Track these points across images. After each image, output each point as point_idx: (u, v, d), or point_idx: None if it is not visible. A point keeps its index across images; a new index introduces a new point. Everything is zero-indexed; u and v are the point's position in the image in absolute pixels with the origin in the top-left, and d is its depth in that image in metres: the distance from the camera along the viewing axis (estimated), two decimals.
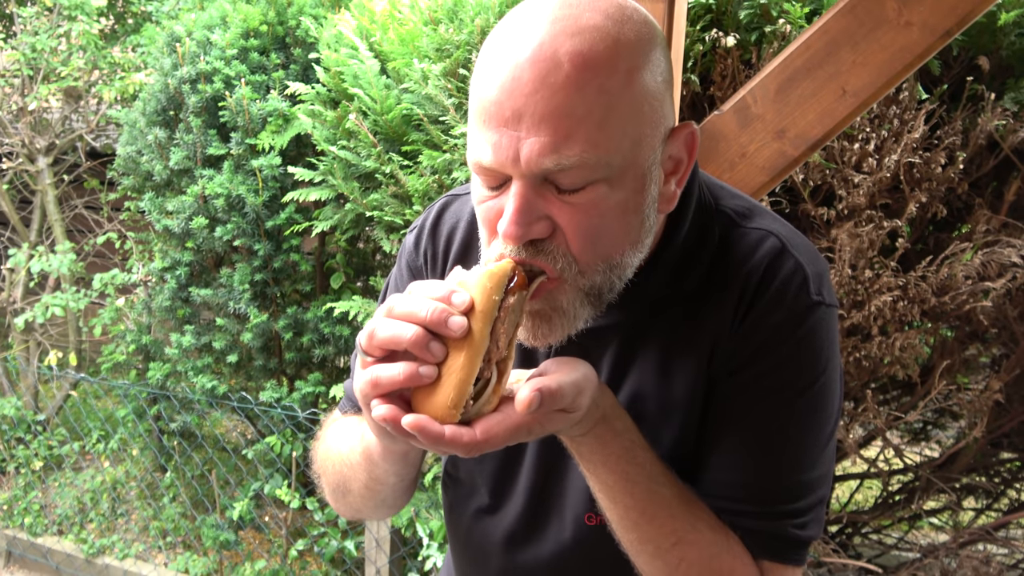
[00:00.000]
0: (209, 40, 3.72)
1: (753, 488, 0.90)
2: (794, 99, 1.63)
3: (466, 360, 0.70)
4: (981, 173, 2.20)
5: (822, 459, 0.92)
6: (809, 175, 2.18)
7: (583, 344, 0.94)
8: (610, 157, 0.77)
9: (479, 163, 0.79)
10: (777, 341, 0.88)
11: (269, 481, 3.73)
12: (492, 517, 1.06)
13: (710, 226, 0.93)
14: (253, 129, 3.62)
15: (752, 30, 2.20)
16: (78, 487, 4.54)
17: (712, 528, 0.88)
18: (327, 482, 1.07)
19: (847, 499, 3.43)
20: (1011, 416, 2.47)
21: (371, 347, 0.73)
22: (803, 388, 0.89)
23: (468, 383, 0.71)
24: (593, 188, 0.78)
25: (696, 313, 0.92)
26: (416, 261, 1.10)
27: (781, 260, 0.89)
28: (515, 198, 0.77)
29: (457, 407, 0.71)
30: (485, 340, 0.71)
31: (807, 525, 0.92)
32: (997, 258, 2.04)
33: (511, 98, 0.74)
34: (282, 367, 3.90)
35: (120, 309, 4.47)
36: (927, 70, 2.14)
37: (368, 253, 3.96)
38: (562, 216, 0.79)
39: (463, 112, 2.64)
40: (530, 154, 0.74)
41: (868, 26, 1.54)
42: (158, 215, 3.84)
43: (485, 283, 0.72)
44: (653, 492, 0.84)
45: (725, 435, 0.91)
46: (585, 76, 0.74)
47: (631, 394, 0.95)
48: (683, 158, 0.87)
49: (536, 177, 0.77)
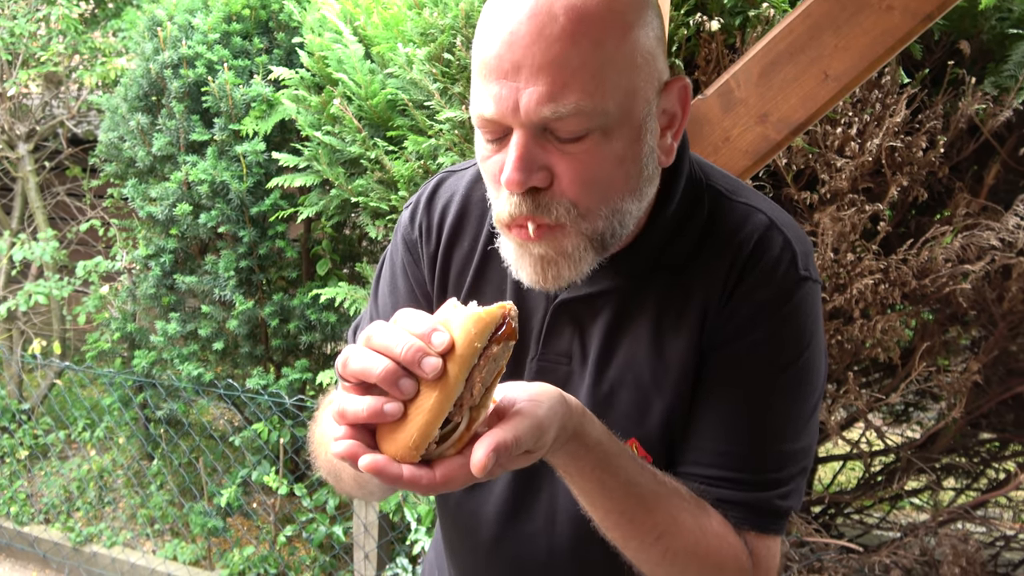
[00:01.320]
0: (191, 24, 3.68)
1: (738, 456, 0.92)
2: (777, 83, 1.64)
3: (435, 403, 0.69)
4: (961, 157, 2.22)
5: (806, 431, 0.95)
6: (792, 159, 2.19)
7: (576, 312, 0.97)
8: (605, 106, 0.80)
9: (481, 116, 0.82)
10: (766, 314, 0.91)
11: (257, 468, 3.73)
12: (483, 485, 1.06)
13: (700, 198, 0.96)
14: (236, 115, 3.59)
15: (736, 14, 2.20)
16: (64, 476, 4.52)
17: (693, 515, 0.89)
18: (321, 464, 1.07)
19: (830, 480, 3.48)
20: (989, 397, 2.51)
21: (345, 374, 0.73)
22: (789, 360, 0.92)
23: (433, 426, 0.69)
24: (590, 137, 0.81)
25: (687, 283, 0.94)
26: (411, 235, 1.11)
27: (771, 235, 0.93)
28: (516, 147, 0.80)
29: (418, 449, 0.69)
30: (459, 386, 0.69)
31: (789, 495, 0.94)
32: (976, 241, 2.07)
33: (510, 51, 0.78)
34: (268, 354, 3.89)
35: (104, 297, 4.44)
36: (909, 54, 2.15)
37: (354, 239, 3.95)
38: (561, 165, 0.82)
39: (448, 97, 2.63)
40: (529, 103, 0.78)
41: (850, 10, 1.54)
42: (141, 202, 3.81)
43: (470, 328, 0.70)
44: (630, 494, 0.85)
45: (712, 405, 0.94)
46: (580, 29, 0.77)
47: (624, 361, 0.96)
48: (677, 112, 0.90)
49: (535, 127, 0.80)
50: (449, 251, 1.07)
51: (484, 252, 1.04)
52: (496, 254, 1.01)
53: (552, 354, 1.00)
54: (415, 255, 1.10)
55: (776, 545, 0.96)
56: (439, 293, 1.08)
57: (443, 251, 1.07)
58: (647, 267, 0.95)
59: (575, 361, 0.99)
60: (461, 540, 1.13)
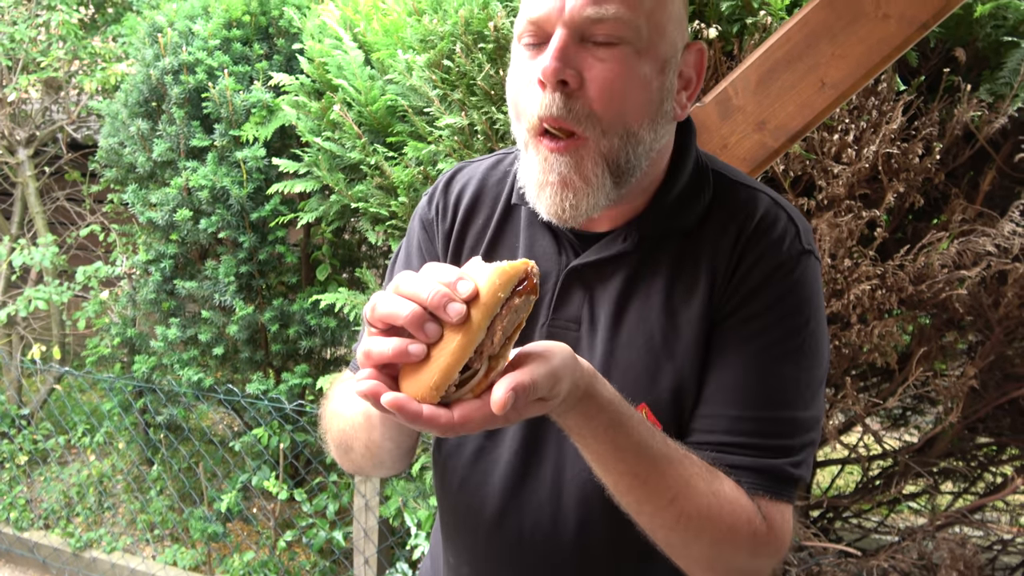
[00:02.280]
0: (191, 30, 3.69)
1: (750, 421, 0.95)
2: (774, 91, 1.65)
3: (457, 347, 0.72)
4: (957, 163, 2.24)
5: (814, 402, 0.98)
6: (789, 165, 2.21)
7: (587, 278, 1.02)
8: (639, 24, 0.89)
9: (529, 18, 0.91)
10: (773, 284, 0.96)
11: (257, 473, 3.74)
12: (489, 456, 1.08)
13: (706, 179, 1.03)
14: (237, 120, 3.60)
15: (734, 22, 2.22)
16: (64, 481, 4.52)
17: (705, 480, 0.91)
18: (331, 439, 1.10)
19: (828, 484, 3.49)
20: (986, 402, 2.52)
21: (373, 319, 0.76)
22: (796, 329, 0.96)
23: (455, 369, 0.72)
24: (622, 49, 0.89)
25: (697, 250, 0.99)
26: (428, 215, 1.16)
27: (775, 211, 1.00)
28: (556, 41, 0.88)
29: (438, 389, 0.72)
30: (481, 332, 0.72)
31: (800, 464, 0.97)
32: (972, 247, 2.08)
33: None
34: (268, 359, 3.90)
35: (104, 302, 4.44)
36: (905, 61, 2.17)
37: (354, 244, 3.96)
38: (592, 71, 0.89)
39: (448, 103, 2.64)
40: (575, 5, 0.87)
41: (846, 19, 1.56)
42: (142, 207, 3.83)
43: (494, 279, 0.73)
44: (643, 456, 0.87)
45: (723, 372, 0.96)
46: None
47: (636, 325, 0.99)
48: (692, 76, 1.00)
49: (576, 28, 0.88)
50: (464, 227, 1.12)
51: (497, 229, 1.10)
52: (509, 230, 1.08)
53: (562, 320, 1.03)
54: (431, 233, 1.15)
55: (788, 512, 0.98)
56: None
57: (459, 228, 1.12)
58: (658, 232, 1.00)
59: (584, 327, 1.02)
60: (463, 522, 1.13)
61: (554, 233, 1.06)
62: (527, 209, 1.06)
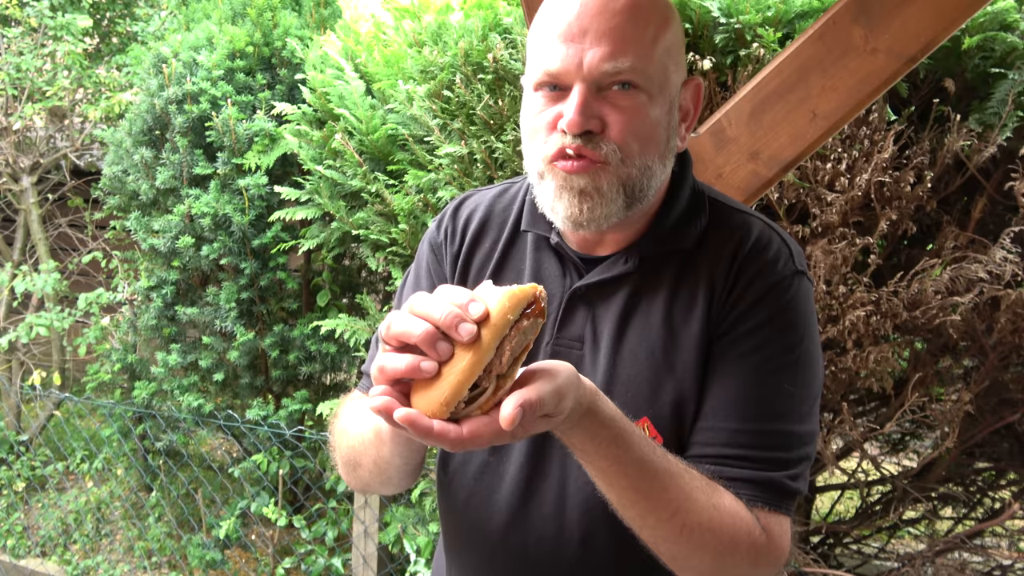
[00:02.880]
0: (195, 61, 3.76)
1: (748, 434, 0.99)
2: (767, 122, 1.68)
3: (468, 365, 0.75)
4: (949, 191, 2.27)
5: (810, 417, 1.02)
6: (784, 193, 2.24)
7: (590, 299, 1.07)
8: (650, 73, 0.96)
9: (547, 71, 0.97)
10: (768, 302, 1.01)
11: (256, 499, 3.73)
12: (495, 472, 1.11)
13: (703, 204, 1.10)
14: (239, 149, 3.65)
15: (727, 53, 2.27)
16: (61, 508, 4.51)
17: (706, 492, 0.94)
18: (340, 456, 1.13)
19: (828, 510, 3.48)
20: (982, 427, 2.53)
21: (387, 337, 0.80)
22: (790, 346, 1.01)
23: (464, 386, 0.75)
24: (637, 96, 0.96)
25: (696, 270, 1.05)
26: (437, 238, 1.22)
27: (768, 234, 1.06)
28: (578, 96, 0.95)
29: (448, 405, 0.75)
30: (491, 352, 0.75)
31: (797, 478, 1.00)
32: (965, 273, 2.11)
33: (578, 19, 0.95)
34: (268, 385, 3.91)
35: (105, 328, 4.46)
36: (895, 92, 2.21)
37: (354, 270, 3.99)
38: (612, 116, 0.96)
39: (448, 133, 2.69)
40: (592, 60, 0.94)
41: (837, 52, 1.60)
42: (144, 234, 3.86)
43: (504, 301, 0.77)
44: (645, 470, 0.90)
45: (723, 387, 1.00)
46: (635, 10, 0.96)
47: (638, 341, 1.04)
48: (690, 108, 1.08)
49: (594, 81, 0.95)
50: (472, 250, 1.18)
51: (504, 252, 1.16)
52: (515, 254, 1.13)
53: (566, 339, 1.08)
54: (439, 256, 1.21)
55: (786, 523, 1.00)
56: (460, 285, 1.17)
57: (466, 250, 1.18)
58: (658, 253, 1.06)
59: (587, 345, 1.07)
60: (469, 537, 1.15)
61: (559, 257, 1.11)
62: (534, 234, 1.13)
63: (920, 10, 1.48)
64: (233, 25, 3.87)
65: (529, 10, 1.76)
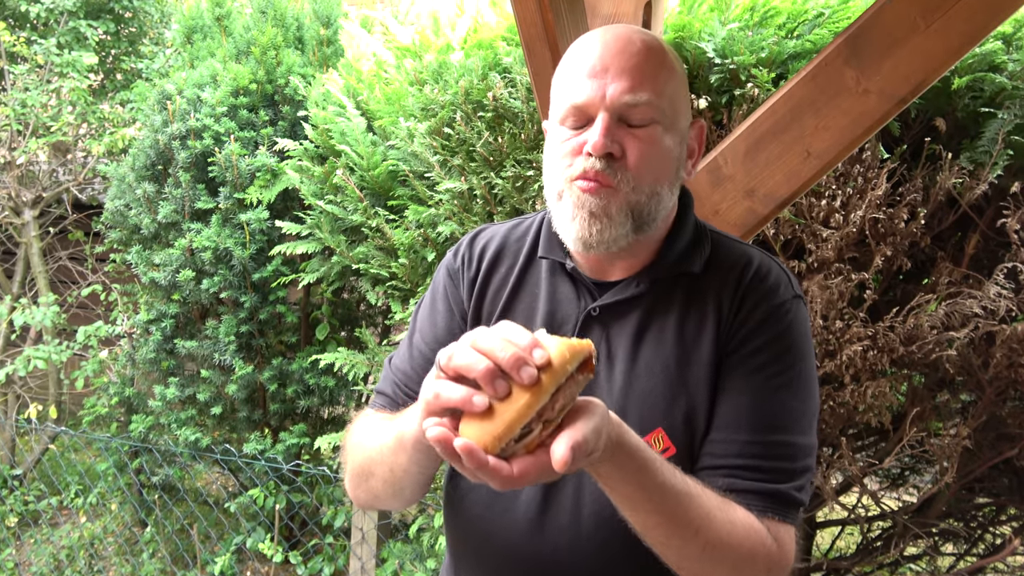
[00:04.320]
0: (199, 98, 3.81)
1: (757, 445, 1.05)
2: (762, 160, 1.72)
3: (524, 404, 0.78)
4: (942, 227, 2.30)
5: (810, 431, 1.10)
6: (780, 229, 2.27)
7: (604, 320, 1.14)
8: (664, 106, 1.07)
9: (574, 103, 1.06)
10: (773, 323, 1.09)
11: (252, 535, 3.69)
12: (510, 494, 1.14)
13: (705, 236, 1.19)
14: (241, 184, 3.69)
15: (723, 93, 2.32)
16: (55, 544, 4.45)
17: (721, 508, 0.99)
18: (351, 468, 1.16)
19: (828, 546, 3.46)
20: (981, 462, 2.53)
21: (447, 367, 0.83)
22: (792, 363, 1.09)
23: (518, 424, 0.78)
24: (654, 128, 1.06)
25: (703, 295, 1.13)
26: (454, 265, 1.29)
27: (768, 263, 1.16)
28: (602, 123, 1.04)
29: (500, 440, 0.78)
30: (547, 396, 0.79)
31: (801, 489, 1.07)
32: (960, 308, 2.13)
33: (601, 59, 1.06)
34: (266, 418, 3.90)
35: (103, 361, 4.46)
36: (888, 130, 2.25)
37: (353, 304, 4.01)
38: (630, 144, 1.05)
39: (448, 169, 2.73)
40: (614, 93, 1.04)
41: (829, 93, 1.63)
42: (145, 267, 3.88)
43: (565, 351, 0.80)
44: (668, 493, 0.94)
45: (732, 401, 1.08)
46: (650, 52, 1.07)
47: (652, 356, 1.10)
48: (695, 147, 1.19)
49: (616, 111, 1.05)
50: (489, 275, 1.25)
51: (520, 277, 1.23)
52: (530, 279, 1.20)
53: None
54: (456, 280, 1.27)
55: (792, 533, 1.07)
56: (475, 310, 1.24)
57: (483, 275, 1.25)
58: (668, 276, 1.14)
59: (602, 362, 1.13)
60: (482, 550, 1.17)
61: (573, 282, 1.18)
62: (549, 261, 1.21)
63: (910, 53, 1.52)
64: (237, 63, 3.94)
65: (529, 51, 1.80)
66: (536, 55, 1.79)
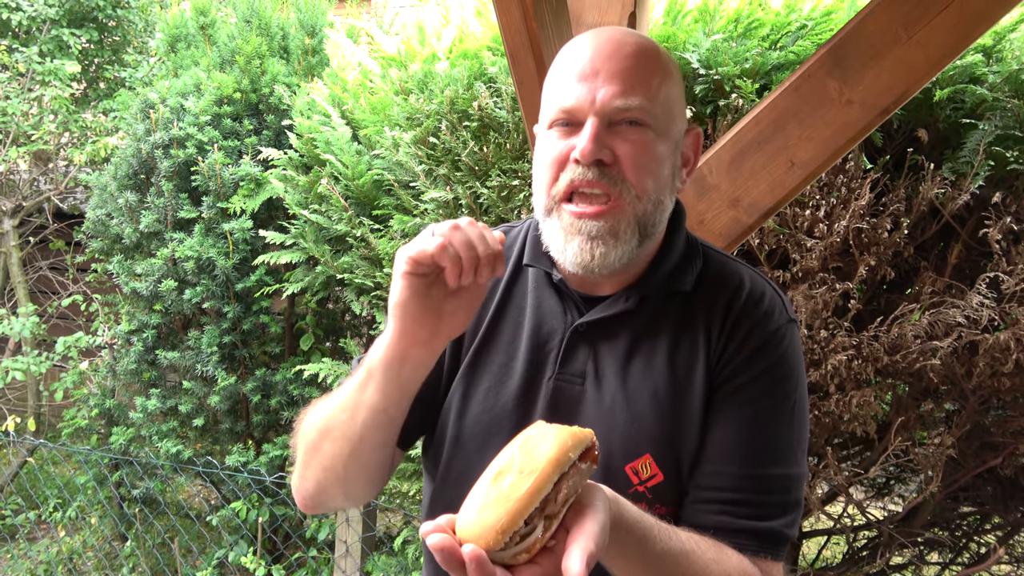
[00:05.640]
0: (183, 106, 3.79)
1: (748, 479, 1.02)
2: (746, 170, 1.72)
3: (527, 493, 0.73)
4: (925, 237, 2.31)
5: (803, 461, 1.07)
6: (765, 239, 2.28)
7: (591, 336, 1.10)
8: (656, 112, 1.02)
9: (563, 107, 1.02)
10: (767, 351, 1.06)
11: (234, 548, 3.64)
12: None
13: (697, 250, 1.15)
14: (225, 193, 3.66)
15: (707, 103, 2.33)
16: (32, 559, 4.37)
17: (716, 560, 0.97)
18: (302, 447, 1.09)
19: (815, 556, 3.46)
20: (965, 471, 2.54)
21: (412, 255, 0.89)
22: (788, 392, 1.06)
23: (522, 515, 0.73)
24: (646, 132, 1.01)
25: (693, 318, 1.09)
26: None
27: (761, 283, 1.12)
28: (591, 128, 1.00)
29: (504, 534, 0.73)
30: (550, 484, 0.75)
31: (791, 524, 1.05)
32: (943, 318, 2.14)
33: (591, 62, 1.02)
34: (249, 430, 3.86)
35: (83, 372, 4.40)
36: (871, 141, 2.27)
37: (338, 314, 3.98)
38: (622, 148, 1.01)
39: (433, 178, 2.72)
40: (604, 97, 1.00)
41: (812, 104, 1.64)
42: (126, 278, 3.84)
43: (566, 439, 0.78)
44: (666, 559, 0.92)
45: (725, 432, 1.04)
46: (642, 56, 1.03)
47: (641, 379, 1.06)
48: (691, 156, 1.13)
49: (606, 116, 1.00)
50: None
51: (506, 290, 1.18)
52: (517, 291, 1.16)
53: (567, 374, 1.09)
54: None
55: (782, 567, 1.05)
56: None
57: None
58: (657, 293, 1.10)
59: (588, 380, 1.09)
60: None
61: (560, 295, 1.14)
62: (535, 272, 1.16)
63: (892, 64, 1.53)
64: (221, 72, 3.92)
65: (513, 61, 1.80)
66: (521, 64, 1.79)
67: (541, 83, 1.84)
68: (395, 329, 0.95)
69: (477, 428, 1.10)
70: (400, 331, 0.94)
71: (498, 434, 1.08)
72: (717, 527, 1.01)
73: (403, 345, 0.95)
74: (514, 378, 1.10)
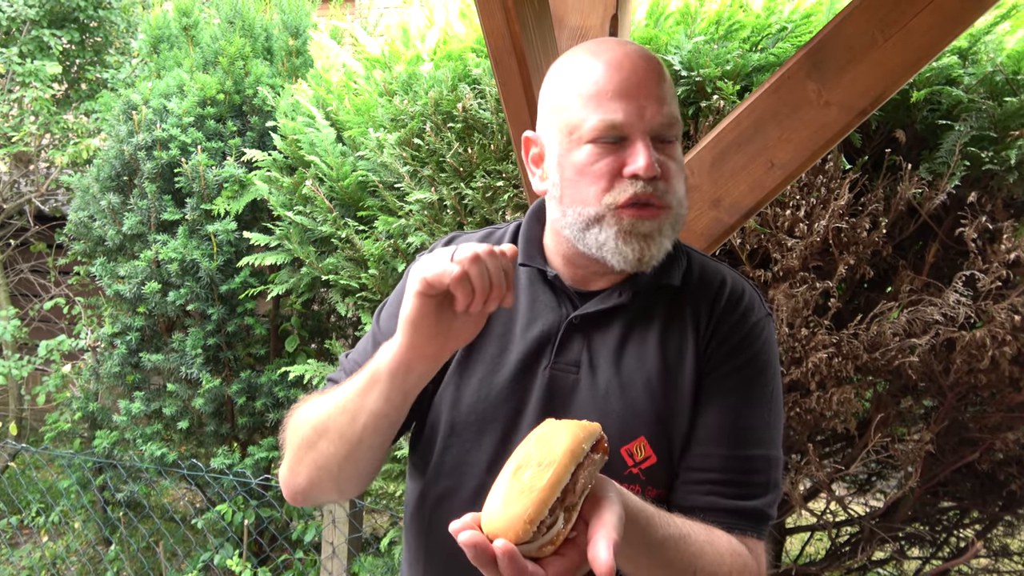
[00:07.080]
0: (166, 108, 3.77)
1: (734, 459, 1.10)
2: (727, 171, 1.74)
3: (549, 482, 0.77)
4: (903, 237, 2.35)
5: (779, 444, 1.15)
6: (746, 239, 2.30)
7: (586, 328, 1.15)
8: (679, 124, 1.11)
9: (611, 123, 1.06)
10: (749, 342, 1.14)
11: (219, 551, 3.63)
12: None
13: (680, 246, 1.22)
14: (209, 195, 3.65)
15: (689, 105, 2.35)
16: (14, 564, 4.33)
17: (711, 543, 1.02)
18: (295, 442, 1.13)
19: (798, 553, 3.49)
20: (944, 466, 2.58)
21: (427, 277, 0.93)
22: (766, 380, 1.15)
23: (547, 503, 0.76)
24: (676, 143, 1.11)
25: (682, 311, 1.16)
26: None
27: (740, 281, 1.21)
28: (645, 147, 1.05)
29: (533, 523, 0.75)
30: (568, 473, 0.79)
31: (772, 504, 1.12)
32: (921, 316, 2.17)
33: (631, 79, 1.06)
34: (234, 432, 3.84)
35: (66, 376, 4.36)
36: (849, 142, 2.30)
37: (323, 315, 3.97)
38: (666, 163, 1.08)
39: (417, 179, 2.73)
40: (651, 112, 1.06)
41: (791, 105, 1.66)
42: (109, 280, 3.81)
43: (577, 431, 0.82)
44: (667, 545, 0.96)
45: (712, 417, 1.12)
46: (661, 72, 1.10)
47: (635, 365, 1.12)
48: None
49: (654, 133, 1.07)
50: None
51: None
52: None
53: (563, 363, 1.14)
54: None
55: (764, 546, 1.12)
56: None
57: None
58: (648, 287, 1.16)
59: (583, 369, 1.14)
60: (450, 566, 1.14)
61: (554, 290, 1.19)
62: (528, 269, 1.22)
63: (869, 67, 1.56)
64: (204, 73, 3.90)
65: (496, 63, 1.81)
66: (504, 66, 1.80)
67: (524, 85, 1.85)
68: (403, 342, 0.99)
69: (472, 417, 1.14)
70: (408, 344, 0.99)
71: (492, 423, 1.13)
72: (707, 507, 1.07)
73: (410, 357, 1.00)
74: (507, 367, 1.14)
